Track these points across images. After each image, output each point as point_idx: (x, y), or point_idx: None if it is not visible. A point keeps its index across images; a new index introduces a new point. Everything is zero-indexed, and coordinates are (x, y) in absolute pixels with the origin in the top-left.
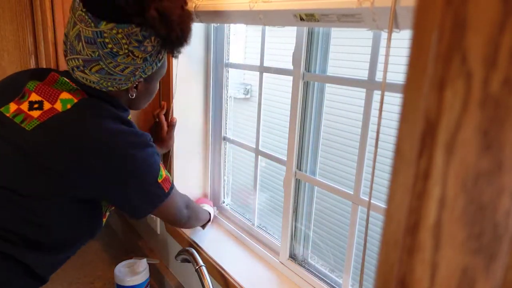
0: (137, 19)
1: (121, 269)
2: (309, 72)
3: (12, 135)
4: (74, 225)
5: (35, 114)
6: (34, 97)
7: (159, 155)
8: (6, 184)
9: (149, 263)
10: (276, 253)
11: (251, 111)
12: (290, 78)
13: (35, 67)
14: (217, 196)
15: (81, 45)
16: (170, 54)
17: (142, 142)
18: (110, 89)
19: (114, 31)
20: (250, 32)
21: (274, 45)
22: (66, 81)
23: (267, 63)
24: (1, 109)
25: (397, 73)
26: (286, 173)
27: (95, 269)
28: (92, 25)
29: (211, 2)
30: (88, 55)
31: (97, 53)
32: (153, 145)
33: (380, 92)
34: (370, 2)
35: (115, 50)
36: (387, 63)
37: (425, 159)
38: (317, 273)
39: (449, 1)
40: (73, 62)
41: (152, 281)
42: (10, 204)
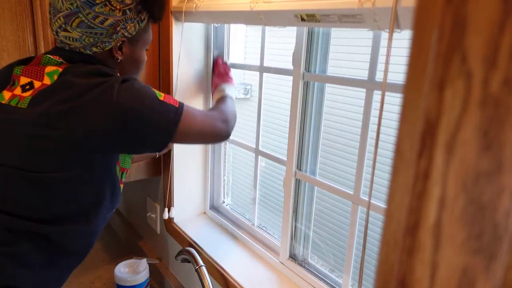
0: None
1: (121, 269)
2: (309, 72)
3: (10, 117)
4: (98, 192)
5: (27, 94)
6: (23, 80)
7: (150, 87)
8: (19, 164)
9: (149, 263)
10: (276, 253)
11: (251, 111)
12: (290, 78)
13: None
14: (217, 196)
15: (60, 1)
16: (151, 17)
17: (126, 79)
18: (94, 49)
19: None
20: (250, 32)
21: (274, 45)
22: (50, 57)
23: (267, 63)
24: None
25: (397, 73)
26: (286, 173)
27: (95, 269)
28: None
29: (212, 2)
30: (67, 9)
31: (75, 4)
32: (138, 80)
33: (380, 92)
34: (371, 2)
35: (100, 10)
36: (388, 63)
37: (425, 159)
38: (317, 273)
39: (449, 1)
40: (56, 23)
41: (152, 281)
42: (25, 183)
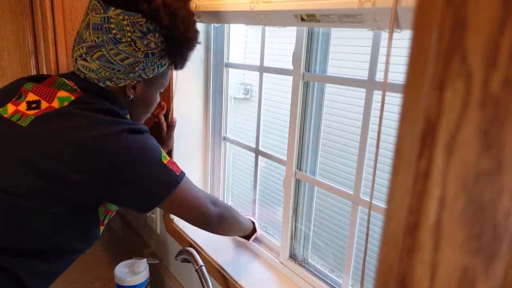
0: (144, 7)
1: (121, 269)
2: (309, 72)
3: (6, 132)
4: (67, 232)
5: (32, 112)
6: (31, 97)
7: (159, 146)
8: (2, 185)
9: (149, 263)
10: (276, 253)
11: (251, 111)
12: (290, 78)
13: (35, 67)
14: (217, 196)
15: (88, 32)
16: (172, 65)
17: (138, 129)
18: (108, 83)
19: (120, 17)
20: (250, 32)
21: (274, 45)
22: (65, 82)
23: (267, 63)
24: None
25: (397, 73)
26: (286, 173)
27: (95, 269)
28: (101, 11)
29: (212, 2)
30: (92, 41)
31: (101, 38)
32: (149, 135)
33: (380, 92)
34: (371, 2)
35: (118, 36)
36: (388, 63)
37: (425, 159)
38: (317, 273)
39: (449, 1)
40: (78, 51)
41: (152, 281)
42: (2, 206)
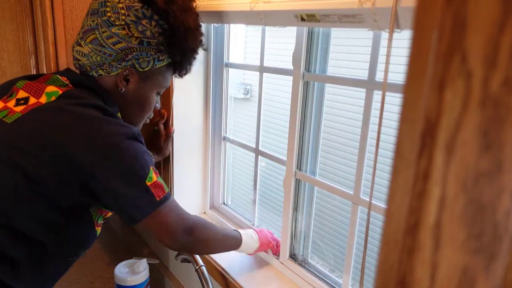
0: None
1: (121, 269)
2: (309, 72)
3: None
4: (60, 235)
5: (19, 108)
6: (21, 94)
7: (149, 154)
8: None
9: (149, 263)
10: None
11: (251, 111)
12: (290, 78)
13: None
14: (217, 196)
15: (86, 18)
16: (174, 69)
17: (127, 133)
18: (99, 71)
19: (116, 0)
20: (250, 32)
21: (274, 45)
22: (57, 78)
23: (267, 63)
24: None
25: (397, 73)
26: (286, 173)
27: (95, 269)
28: None
29: (212, 2)
30: (88, 25)
31: (96, 21)
32: (141, 140)
33: (380, 92)
34: (371, 2)
35: (112, 19)
36: (388, 63)
37: (425, 159)
38: (317, 273)
39: (449, 1)
40: (77, 37)
41: (152, 281)
42: None
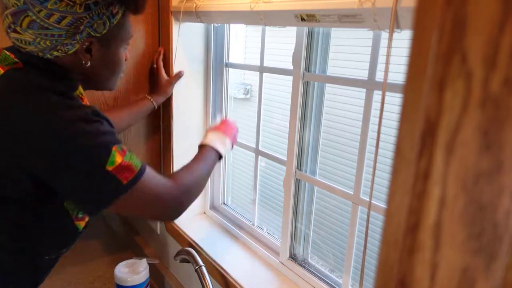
0: None
1: (121, 269)
2: (309, 72)
3: None
4: (34, 230)
5: None
6: None
7: (111, 133)
8: None
9: (149, 263)
10: (276, 253)
11: (251, 111)
12: (290, 78)
13: None
14: (217, 196)
15: None
16: (127, 9)
17: (79, 115)
18: (55, 53)
19: None
20: (250, 32)
21: (274, 45)
22: (7, 55)
23: (267, 63)
24: None
25: (397, 73)
26: (286, 173)
27: (95, 269)
28: None
29: (212, 2)
30: (14, 5)
31: (22, 0)
32: (100, 121)
33: (380, 92)
34: (371, 2)
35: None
36: (388, 63)
37: (425, 159)
38: (317, 273)
39: (449, 1)
40: (5, 21)
41: (152, 281)
42: None
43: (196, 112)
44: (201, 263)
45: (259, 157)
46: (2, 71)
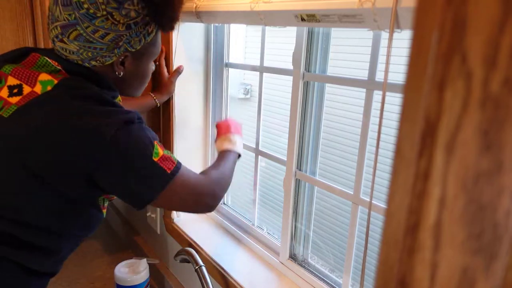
0: None
1: (121, 269)
2: (309, 72)
3: None
4: (68, 222)
5: (14, 100)
6: (11, 81)
7: (151, 131)
8: None
9: (149, 263)
10: (276, 253)
11: (251, 111)
12: (290, 78)
13: None
14: None
15: (58, 9)
16: (160, 29)
17: (129, 120)
18: (93, 63)
19: None
20: (250, 32)
21: (274, 45)
22: (47, 61)
23: (267, 63)
24: None
25: (397, 73)
26: (286, 173)
27: (95, 269)
28: None
29: (212, 2)
30: (65, 20)
31: (73, 15)
32: (142, 121)
33: (380, 92)
34: (371, 2)
35: (91, 11)
36: (388, 63)
37: (425, 159)
38: (317, 273)
39: (449, 1)
40: (53, 31)
41: (152, 281)
42: None
43: (196, 112)
44: (201, 263)
45: (259, 157)
46: (49, 77)
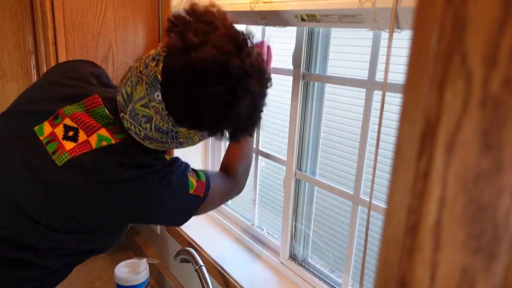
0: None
1: (121, 269)
2: (309, 72)
3: (41, 167)
4: (99, 245)
5: (68, 146)
6: (68, 122)
7: (187, 167)
8: (35, 217)
9: (149, 263)
10: (276, 253)
11: None
12: (290, 78)
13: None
14: None
15: (149, 127)
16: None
17: (167, 174)
18: (153, 144)
19: (189, 132)
20: None
21: (274, 45)
22: (106, 113)
23: None
24: (36, 128)
25: (397, 73)
26: (286, 173)
27: (95, 269)
28: (170, 124)
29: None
30: (154, 137)
31: (165, 138)
32: (180, 165)
33: (380, 92)
34: (371, 2)
35: (181, 140)
36: (388, 63)
37: (425, 159)
38: (317, 273)
39: (449, 1)
40: (133, 128)
41: (152, 281)
42: (38, 235)
43: None
44: (201, 263)
45: (259, 157)
46: (107, 135)
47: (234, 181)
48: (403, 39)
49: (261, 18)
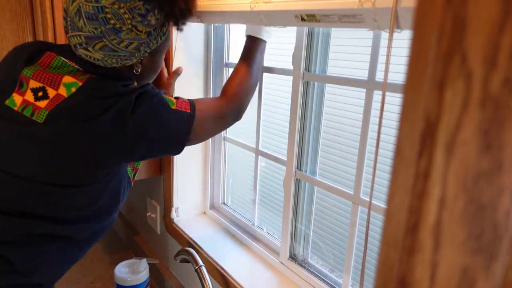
0: None
1: (121, 269)
2: (309, 72)
3: (27, 130)
4: (107, 199)
5: (42, 104)
6: (34, 84)
7: (160, 91)
8: (39, 178)
9: (149, 263)
10: (276, 253)
11: (251, 111)
12: (290, 78)
13: None
14: (217, 196)
15: (82, 21)
16: (175, 26)
17: (143, 92)
18: (114, 65)
19: (116, 6)
20: None
21: (274, 45)
22: (64, 62)
23: (267, 63)
24: (6, 102)
25: (397, 73)
26: (286, 173)
27: (95, 269)
28: (92, 0)
29: (212, 2)
30: (90, 32)
31: (99, 29)
32: (154, 88)
33: (380, 92)
34: (371, 2)
35: (118, 26)
36: (388, 63)
37: (425, 159)
38: (317, 273)
39: (449, 1)
40: (75, 39)
41: (152, 281)
42: (44, 195)
43: None
44: (201, 263)
45: (259, 157)
46: (72, 80)
47: (225, 101)
48: (403, 39)
49: (261, 18)
